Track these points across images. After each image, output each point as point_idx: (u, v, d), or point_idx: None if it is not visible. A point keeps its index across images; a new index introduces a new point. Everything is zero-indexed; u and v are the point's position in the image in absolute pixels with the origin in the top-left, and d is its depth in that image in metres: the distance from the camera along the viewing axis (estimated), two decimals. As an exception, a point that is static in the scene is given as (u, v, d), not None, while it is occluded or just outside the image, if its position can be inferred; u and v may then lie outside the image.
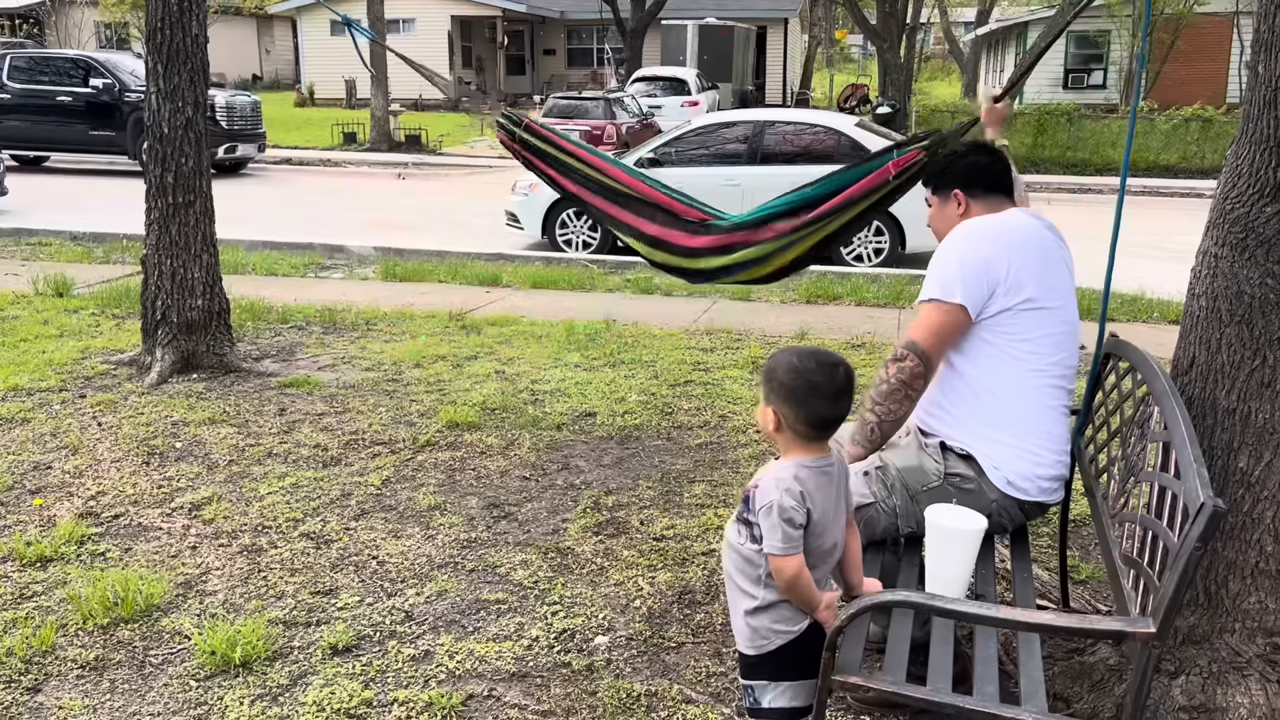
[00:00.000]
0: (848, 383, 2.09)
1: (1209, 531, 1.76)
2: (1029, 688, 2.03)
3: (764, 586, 2.11)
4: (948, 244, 2.75)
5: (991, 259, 2.62)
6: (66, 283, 7.62)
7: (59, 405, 5.08)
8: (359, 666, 2.91)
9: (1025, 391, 2.63)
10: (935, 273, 2.68)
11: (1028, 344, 2.62)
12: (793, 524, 2.02)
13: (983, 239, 2.69)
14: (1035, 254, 2.68)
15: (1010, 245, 2.66)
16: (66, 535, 3.64)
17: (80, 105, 16.05)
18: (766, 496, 2.05)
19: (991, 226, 2.73)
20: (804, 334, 6.79)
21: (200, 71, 5.48)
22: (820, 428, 2.09)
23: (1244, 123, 2.44)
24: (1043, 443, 2.64)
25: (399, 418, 4.99)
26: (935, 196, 2.93)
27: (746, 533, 2.10)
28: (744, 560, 2.12)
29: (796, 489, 2.04)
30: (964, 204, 2.86)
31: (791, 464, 2.09)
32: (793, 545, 2.03)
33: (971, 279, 2.61)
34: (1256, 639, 2.40)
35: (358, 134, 22.45)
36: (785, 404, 2.09)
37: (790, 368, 2.09)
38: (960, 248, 2.69)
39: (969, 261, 2.64)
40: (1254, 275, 2.36)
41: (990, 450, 2.63)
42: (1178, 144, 19.55)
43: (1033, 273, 2.63)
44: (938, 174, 2.95)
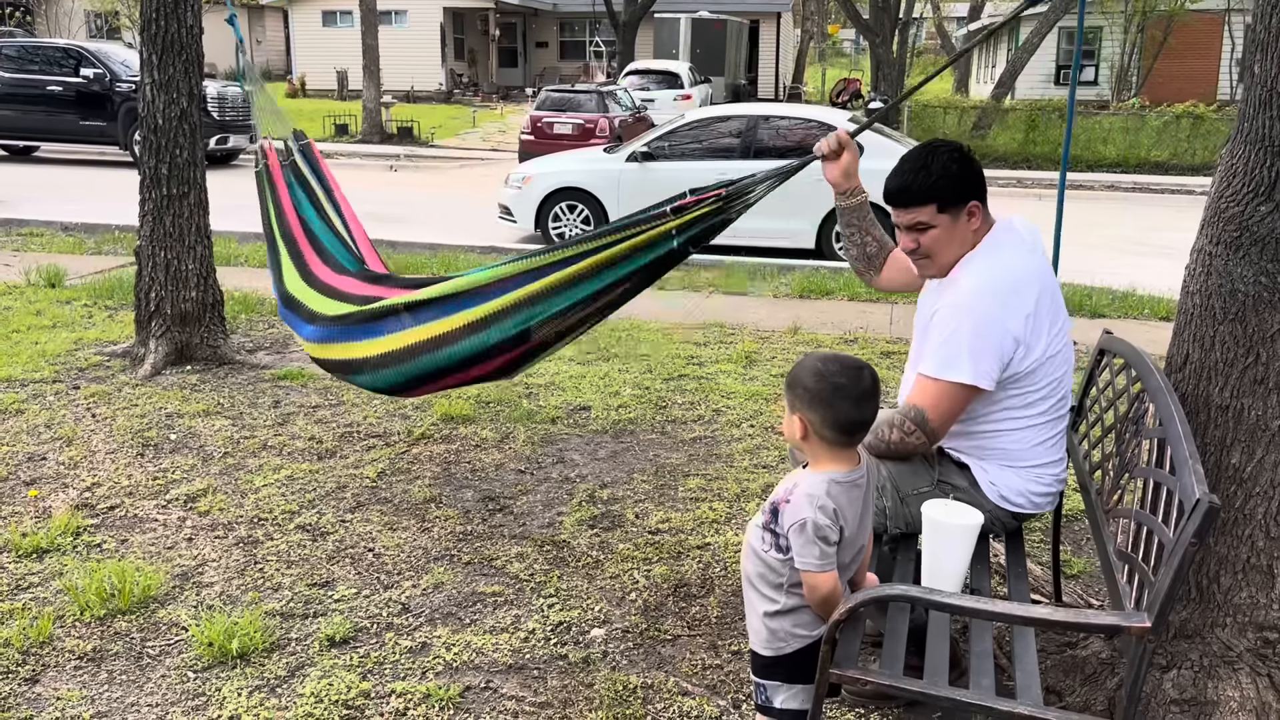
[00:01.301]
0: (873, 386, 2.05)
1: (1204, 527, 1.78)
2: (1024, 681, 2.05)
3: (786, 593, 2.10)
4: (955, 310, 2.48)
5: (1005, 331, 2.45)
6: (59, 274, 7.59)
7: (53, 396, 5.07)
8: (356, 658, 2.93)
9: (1029, 435, 2.60)
10: (946, 345, 2.46)
11: (1036, 394, 2.55)
12: (827, 541, 2.00)
13: (994, 305, 2.46)
14: (1045, 304, 2.51)
15: (1022, 307, 2.47)
16: (62, 526, 3.64)
17: (70, 95, 15.96)
18: (799, 514, 2.01)
19: (998, 285, 2.48)
20: (797, 328, 6.81)
21: (195, 63, 5.46)
22: (847, 432, 2.05)
23: (1239, 121, 2.46)
24: (1042, 469, 2.64)
25: (393, 410, 4.99)
26: (944, 215, 2.52)
27: (772, 541, 2.08)
28: (767, 567, 2.11)
29: (830, 506, 2.01)
30: (980, 217, 2.56)
31: (823, 479, 2.05)
32: (828, 562, 2.01)
33: (986, 358, 2.45)
34: (1247, 633, 2.43)
35: (349, 125, 22.39)
36: (811, 409, 2.04)
37: (815, 372, 2.05)
38: (971, 321, 2.45)
39: (982, 337, 2.45)
40: (1248, 273, 2.39)
41: (987, 467, 2.64)
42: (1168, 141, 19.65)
43: (1043, 327, 2.50)
44: (945, 189, 2.51)
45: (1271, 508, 2.37)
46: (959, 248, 2.58)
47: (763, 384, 5.53)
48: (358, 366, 3.62)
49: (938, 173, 2.51)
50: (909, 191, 2.54)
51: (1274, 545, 2.38)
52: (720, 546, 3.66)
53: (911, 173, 2.54)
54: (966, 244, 2.58)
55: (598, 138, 15.99)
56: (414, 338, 3.42)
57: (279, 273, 4.31)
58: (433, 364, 3.42)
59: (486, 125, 25.68)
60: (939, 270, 2.63)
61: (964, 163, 2.54)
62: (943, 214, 2.53)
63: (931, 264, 2.62)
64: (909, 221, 2.57)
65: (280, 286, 4.24)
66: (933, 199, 2.52)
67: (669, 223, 3.09)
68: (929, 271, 2.66)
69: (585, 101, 17.11)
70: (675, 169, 10.00)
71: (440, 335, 3.37)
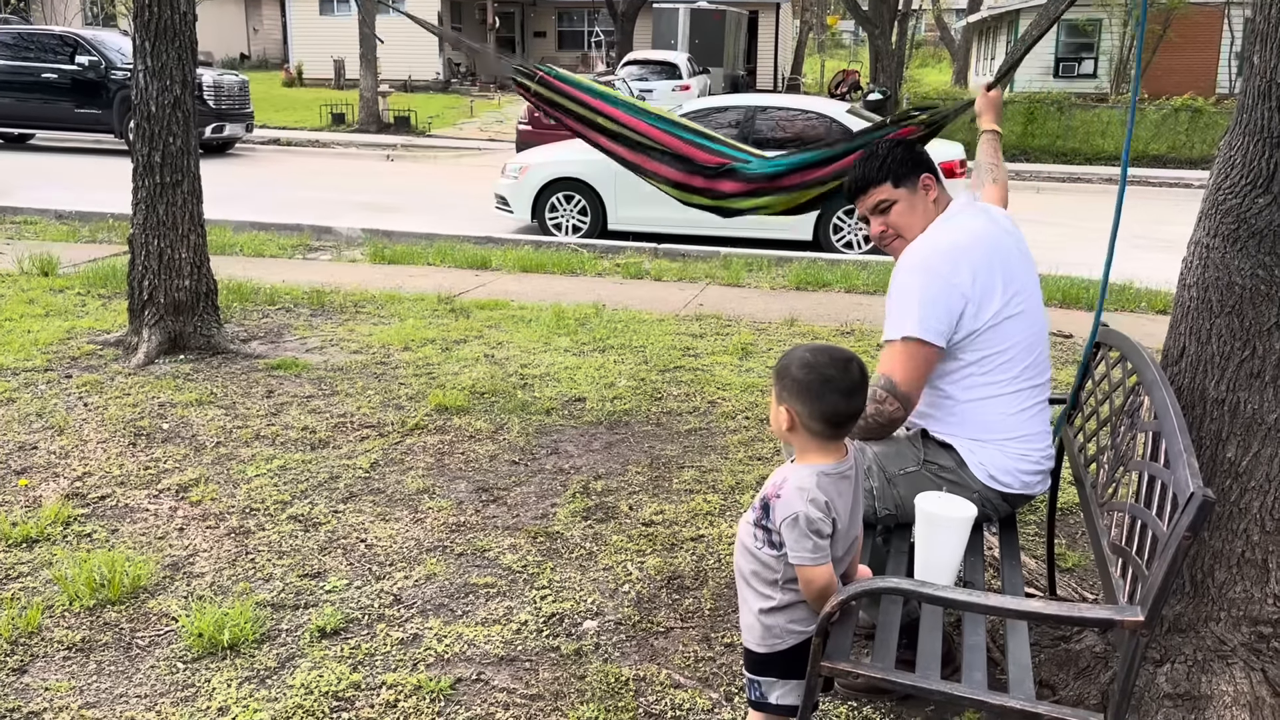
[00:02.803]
0: (862, 378, 2.04)
1: (1198, 521, 1.76)
2: (1017, 674, 2.04)
3: (782, 589, 2.08)
4: (906, 273, 2.59)
5: (952, 287, 2.51)
6: (52, 262, 7.56)
7: (44, 385, 5.04)
8: (347, 649, 2.91)
9: (1004, 403, 2.60)
10: (898, 307, 2.55)
11: (1001, 356, 2.57)
12: (820, 535, 1.99)
13: (941, 263, 2.55)
14: (997, 265, 2.57)
15: (971, 265, 2.54)
16: (52, 516, 3.62)
17: (66, 83, 15.89)
18: (790, 508, 1.99)
19: (945, 246, 2.59)
20: (793, 320, 6.79)
21: (188, 49, 5.42)
22: (835, 424, 2.03)
23: (1237, 113, 2.44)
24: (1025, 444, 2.63)
25: (387, 401, 4.97)
26: (901, 190, 2.69)
27: (764, 538, 2.06)
28: (761, 564, 2.09)
29: (821, 499, 1.99)
30: (935, 188, 2.72)
31: (812, 472, 2.03)
32: (822, 555, 2.00)
33: (935, 314, 2.50)
34: (1241, 628, 2.42)
35: (346, 115, 22.33)
36: (798, 400, 2.03)
37: (803, 363, 2.03)
38: (919, 280, 2.55)
39: (930, 292, 2.52)
40: (1245, 266, 2.37)
41: (972, 447, 2.63)
42: (1167, 134, 19.63)
43: (995, 286, 2.54)
44: (896, 166, 2.69)
45: (1267, 502, 2.36)
46: (924, 221, 2.70)
47: (759, 375, 5.51)
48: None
49: (885, 154, 2.73)
50: (865, 177, 2.74)
51: (1269, 540, 2.37)
52: (714, 538, 3.64)
53: (863, 163, 2.76)
54: (931, 217, 2.72)
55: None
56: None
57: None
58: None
59: (484, 115, 25.61)
60: None
61: (909, 146, 2.78)
62: (899, 188, 2.70)
63: (904, 243, 2.72)
64: (871, 204, 2.74)
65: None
66: (886, 176, 2.70)
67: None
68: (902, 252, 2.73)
69: (583, 92, 17.03)
70: (672, 160, 9.95)
71: None
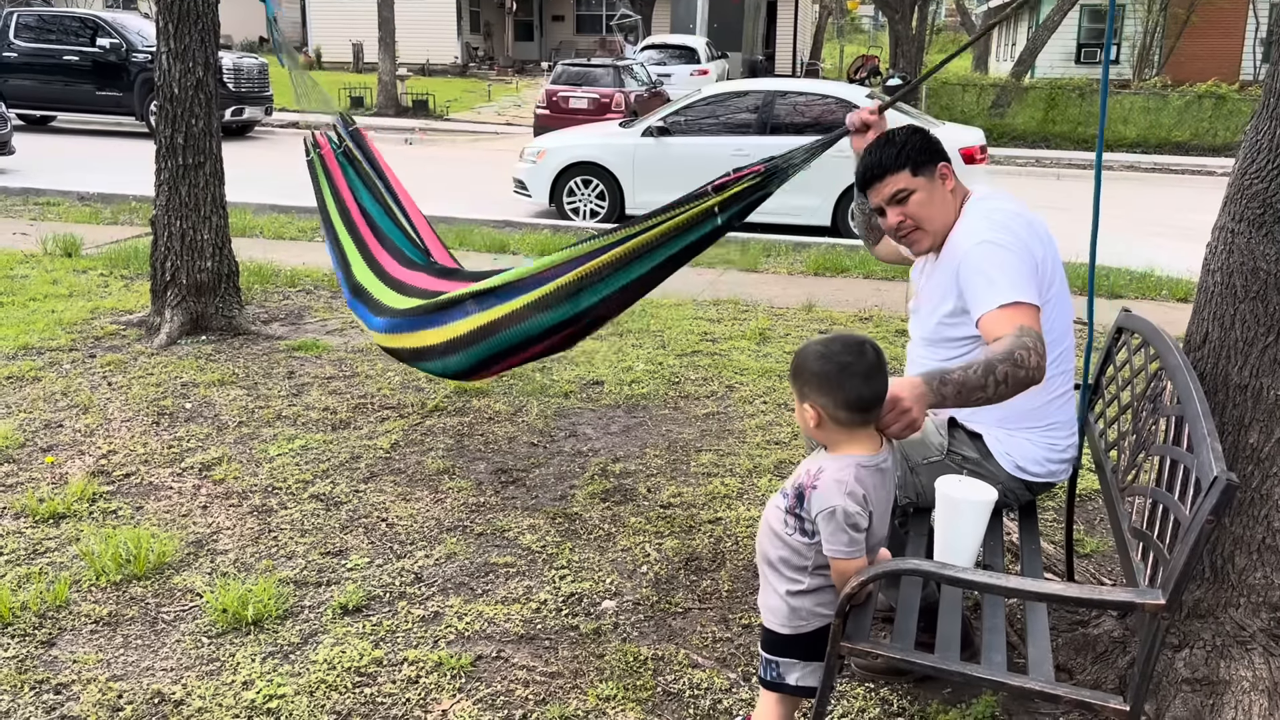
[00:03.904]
0: (879, 359, 2.01)
1: (1221, 505, 1.76)
2: (1036, 656, 2.04)
3: (811, 575, 2.08)
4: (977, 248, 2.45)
5: (1028, 251, 2.45)
6: (75, 243, 7.62)
7: (69, 365, 5.10)
8: (369, 626, 2.94)
9: (1036, 391, 2.57)
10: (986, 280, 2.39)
11: (1048, 338, 2.49)
12: (857, 529, 1.98)
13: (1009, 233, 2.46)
14: (1045, 243, 2.55)
15: (1032, 235, 2.50)
16: (78, 493, 3.67)
17: (87, 65, 15.97)
18: (828, 501, 1.98)
19: (1005, 217, 2.51)
20: (811, 305, 6.79)
21: (211, 32, 5.45)
22: (860, 410, 2.00)
23: (1265, 97, 2.43)
24: (1054, 432, 2.62)
25: (407, 382, 5.00)
26: (920, 178, 2.55)
27: (796, 525, 2.06)
28: (791, 551, 2.09)
29: (860, 492, 1.98)
30: (952, 178, 2.61)
31: (850, 463, 2.01)
32: (857, 549, 2.00)
33: (1025, 278, 2.39)
34: (1261, 613, 2.42)
35: (365, 98, 22.36)
36: (820, 393, 2.01)
37: (818, 355, 2.02)
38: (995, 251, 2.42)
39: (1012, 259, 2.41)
40: (1270, 252, 2.36)
41: (1002, 436, 2.61)
42: (1190, 121, 19.45)
43: (1048, 261, 2.52)
44: (914, 153, 2.56)
45: (1289, 488, 2.36)
46: (945, 211, 2.58)
47: (776, 361, 5.51)
48: (426, 353, 3.82)
49: (901, 142, 2.57)
50: (880, 164, 2.58)
51: (1290, 526, 2.37)
52: (732, 521, 3.66)
53: (878, 150, 2.60)
54: (950, 208, 2.58)
55: (613, 112, 15.91)
56: (478, 322, 3.61)
57: (345, 263, 4.41)
58: (496, 346, 3.61)
59: (502, 99, 25.58)
60: (934, 240, 2.59)
61: (923, 133, 2.62)
62: (918, 176, 2.56)
63: (925, 234, 2.59)
64: (889, 194, 2.58)
65: (348, 277, 4.36)
66: (904, 164, 2.55)
67: (710, 200, 3.20)
68: (924, 245, 2.62)
69: (601, 75, 17.02)
70: (691, 144, 9.95)
71: (502, 318, 3.56)
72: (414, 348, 3.85)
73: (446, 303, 3.74)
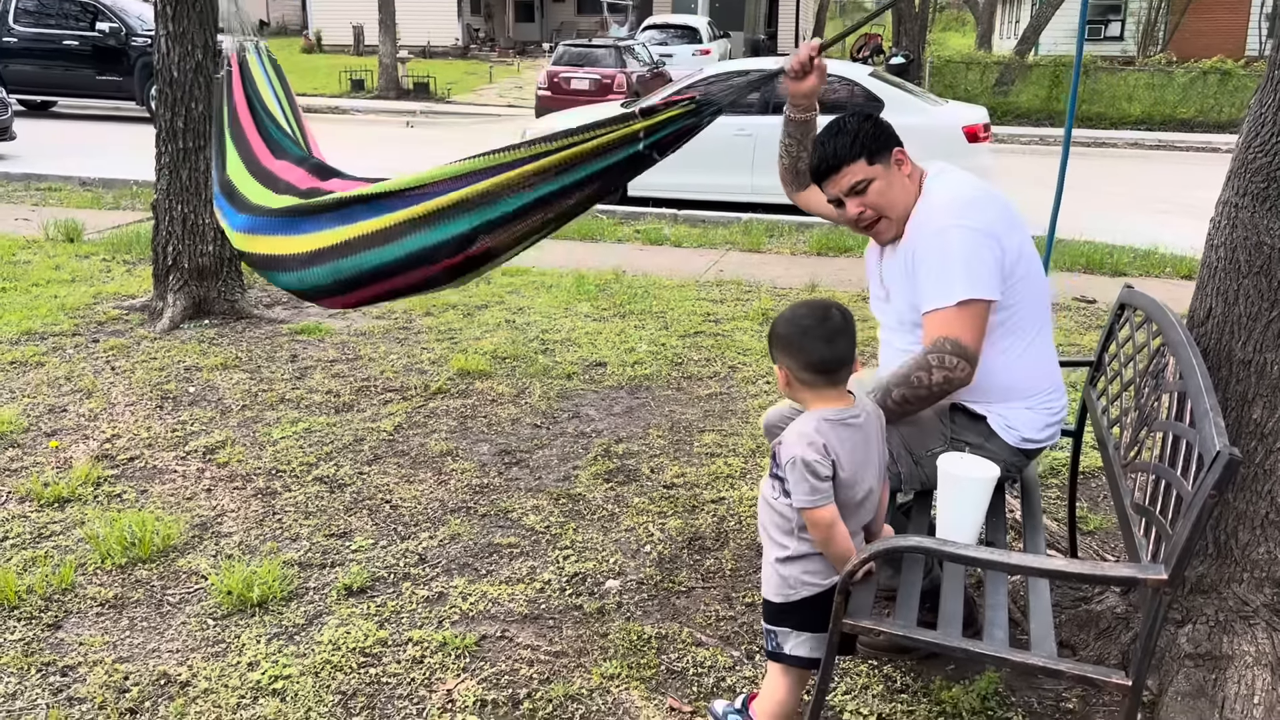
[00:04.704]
0: (844, 323, 2.07)
1: (1224, 479, 1.76)
2: (1039, 632, 2.05)
3: (797, 539, 2.13)
4: (936, 237, 2.46)
5: (988, 236, 2.42)
6: (77, 228, 7.61)
7: (72, 349, 5.10)
8: (373, 607, 2.95)
9: (1027, 360, 2.58)
10: (939, 272, 2.42)
11: (1020, 313, 2.54)
12: (817, 476, 2.02)
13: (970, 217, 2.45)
14: (1008, 215, 2.52)
15: (995, 213, 2.47)
16: (83, 477, 3.68)
17: (87, 49, 15.91)
18: (790, 451, 2.05)
19: (965, 200, 2.49)
20: (814, 286, 6.77)
21: (209, 14, 5.42)
22: (821, 371, 2.08)
23: (1269, 69, 2.41)
24: (1049, 398, 2.63)
25: (410, 365, 5.00)
26: (876, 166, 2.52)
27: (779, 488, 2.11)
28: (777, 514, 2.14)
29: (819, 441, 2.04)
30: (907, 162, 2.58)
31: (814, 417, 2.09)
32: (821, 496, 2.03)
33: (982, 269, 2.40)
34: (1264, 588, 2.42)
35: (366, 81, 22.27)
36: (785, 354, 2.11)
37: (785, 319, 2.13)
38: (954, 238, 2.43)
39: (969, 248, 2.41)
40: (1275, 226, 2.34)
41: (1004, 411, 2.61)
42: (1195, 97, 19.31)
43: (1014, 234, 2.49)
44: (868, 141, 2.53)
45: (1292, 463, 2.35)
46: (905, 196, 2.55)
47: (779, 340, 5.50)
48: (285, 263, 3.28)
49: (854, 130, 2.53)
50: (835, 155, 2.54)
51: (1294, 501, 2.36)
52: (735, 501, 3.66)
53: (830, 140, 2.56)
54: (910, 192, 2.55)
55: (615, 93, 15.84)
56: (349, 234, 3.10)
57: (221, 160, 3.91)
58: (366, 264, 3.09)
59: (503, 81, 25.48)
60: (897, 228, 2.56)
61: (874, 119, 2.57)
62: (874, 164, 2.52)
63: (889, 223, 2.57)
64: (846, 185, 2.55)
65: (220, 174, 3.86)
66: (860, 153, 2.52)
67: (636, 124, 2.88)
68: (888, 234, 2.59)
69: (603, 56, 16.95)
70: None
71: (377, 232, 3.05)
72: (271, 254, 3.34)
73: (319, 206, 3.24)
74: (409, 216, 3.02)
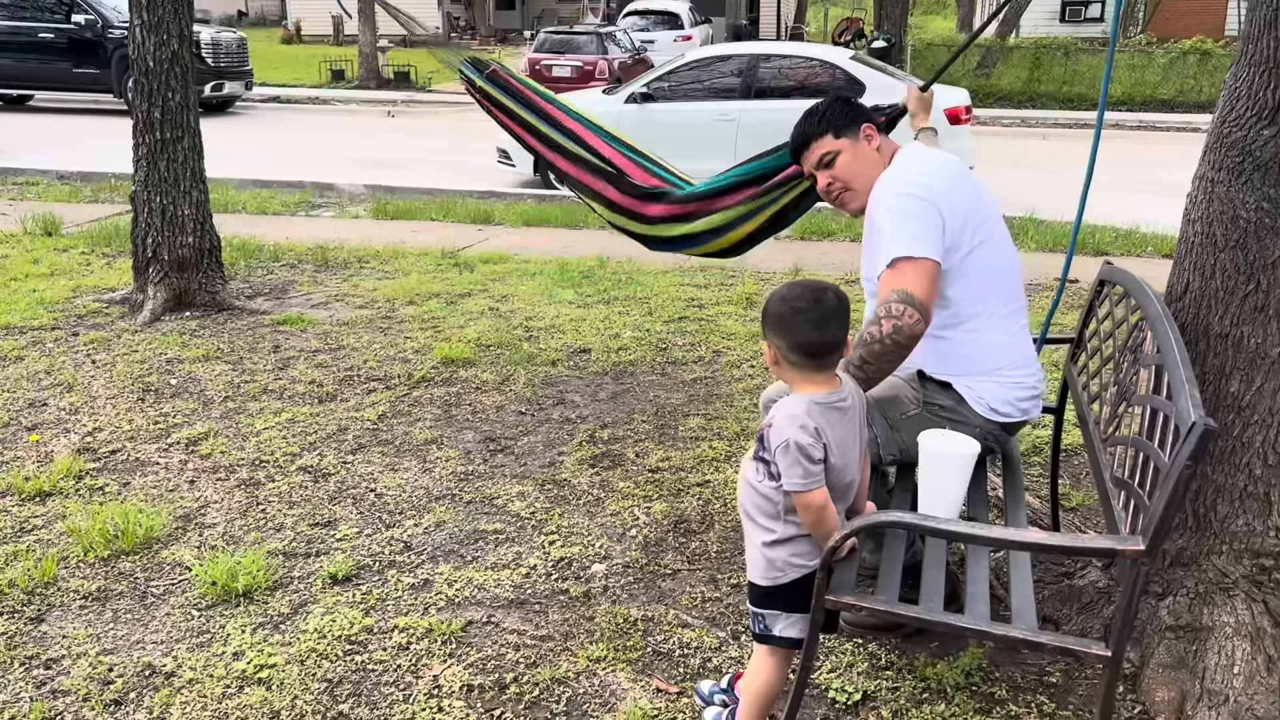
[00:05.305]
0: (839, 307, 2.06)
1: (1200, 450, 1.77)
2: (1019, 605, 2.06)
3: (783, 521, 2.11)
4: (881, 206, 2.56)
5: (929, 204, 2.50)
6: (55, 221, 7.55)
7: (52, 343, 5.07)
8: (359, 595, 2.95)
9: (992, 335, 2.61)
10: (887, 237, 2.49)
11: (981, 288, 2.58)
12: (810, 459, 2.02)
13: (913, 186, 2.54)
14: (962, 188, 2.58)
15: (941, 184, 2.54)
16: (64, 470, 3.66)
17: (63, 42, 15.75)
18: (782, 435, 2.03)
19: (912, 172, 2.59)
20: (798, 270, 6.78)
21: (185, 3, 5.38)
22: (811, 354, 2.06)
23: (1243, 44, 2.41)
24: (1017, 371, 2.64)
25: (394, 354, 4.99)
26: (843, 140, 2.69)
27: (764, 470, 2.10)
28: (762, 497, 2.12)
29: (811, 424, 2.03)
30: (877, 137, 2.72)
31: (803, 400, 2.07)
32: (814, 480, 2.03)
33: (924, 231, 2.46)
34: (1243, 560, 2.44)
35: (346, 71, 22.12)
36: (775, 334, 2.09)
37: (778, 298, 2.10)
38: (896, 205, 2.52)
39: (911, 212, 2.49)
40: (1250, 199, 2.36)
41: (970, 383, 2.63)
42: (1175, 77, 19.37)
43: (964, 207, 2.54)
44: (835, 118, 2.70)
45: (1269, 435, 2.37)
46: (871, 169, 2.67)
47: (763, 324, 5.50)
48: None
49: (823, 109, 2.73)
50: (804, 134, 2.75)
51: (1271, 473, 2.38)
52: (720, 483, 3.67)
53: (802, 123, 2.76)
54: (877, 165, 2.68)
55: (597, 80, 15.79)
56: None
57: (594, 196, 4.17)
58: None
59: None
60: (864, 200, 2.68)
61: (845, 99, 2.77)
62: (841, 139, 2.70)
63: (854, 194, 2.71)
64: (815, 159, 2.74)
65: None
66: (826, 129, 2.70)
67: None
68: (855, 205, 2.73)
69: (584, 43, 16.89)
70: (675, 110, 9.88)
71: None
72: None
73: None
74: None
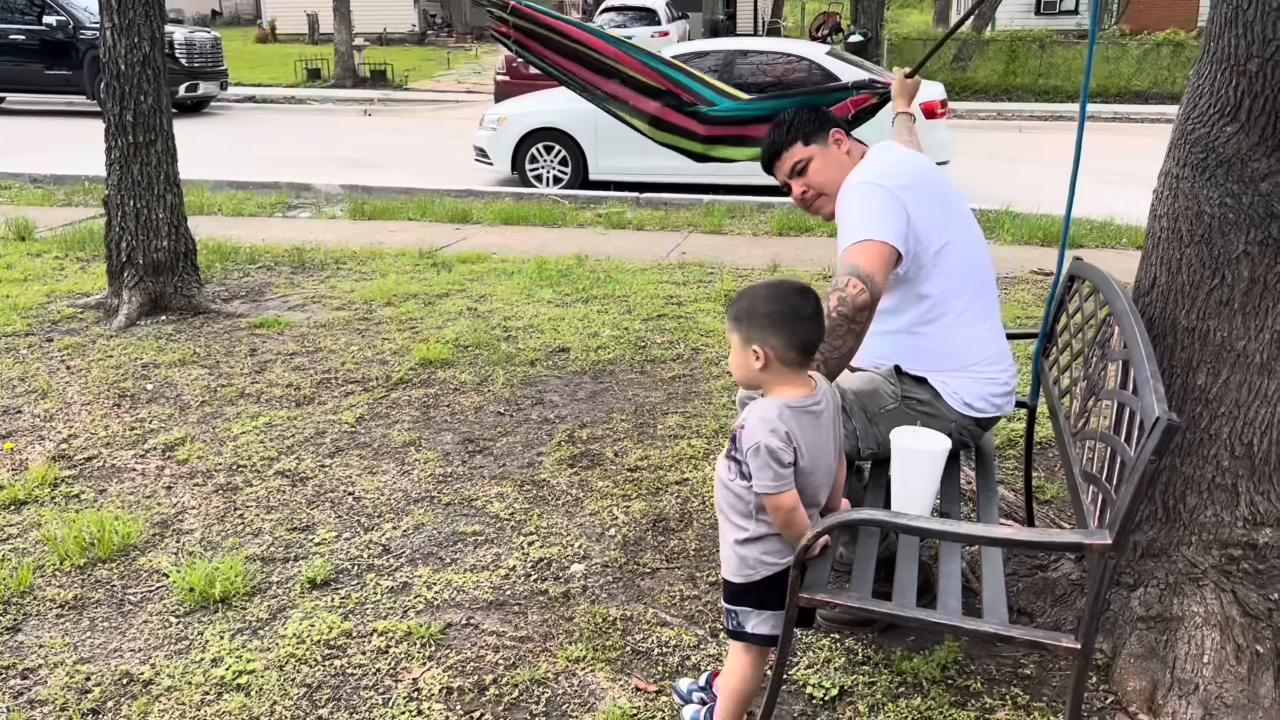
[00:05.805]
0: (820, 304, 2.12)
1: (1163, 445, 1.80)
2: (991, 599, 2.08)
3: (755, 520, 2.13)
4: (845, 199, 2.61)
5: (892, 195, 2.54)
6: (28, 226, 7.49)
7: (26, 349, 5.03)
8: (338, 599, 2.95)
9: (964, 331, 2.64)
10: (847, 226, 2.54)
11: (952, 285, 2.61)
12: (780, 463, 2.03)
13: (877, 179, 2.59)
14: (928, 185, 2.62)
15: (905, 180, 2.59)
16: (39, 478, 3.64)
17: (35, 44, 15.59)
18: (753, 437, 2.05)
19: (878, 169, 2.64)
20: (776, 266, 6.80)
21: (156, 5, 5.34)
22: (806, 352, 2.10)
23: (1206, 41, 2.44)
24: (991, 367, 2.68)
25: (371, 356, 4.98)
26: (813, 146, 2.74)
27: (736, 469, 2.11)
28: (734, 495, 2.14)
29: (782, 429, 2.04)
30: (846, 141, 2.78)
31: (777, 404, 2.08)
32: (783, 482, 2.04)
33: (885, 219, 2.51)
34: (1212, 550, 2.47)
35: (322, 70, 22.00)
36: (773, 334, 2.06)
37: (769, 297, 2.09)
38: (859, 194, 2.58)
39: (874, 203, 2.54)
40: (1214, 195, 2.39)
41: (944, 379, 2.66)
42: (1149, 69, 19.53)
43: (929, 204, 2.59)
44: (803, 125, 2.76)
45: (1237, 427, 2.40)
46: (842, 173, 2.70)
47: (741, 321, 5.52)
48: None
49: (790, 118, 2.79)
50: (775, 144, 2.79)
51: (1239, 464, 2.42)
52: (698, 481, 3.68)
53: (771, 133, 2.81)
54: (848, 167, 2.71)
55: (574, 77, 15.72)
56: None
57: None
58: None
59: (461, 67, 25.27)
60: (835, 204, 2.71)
61: (813, 107, 2.84)
62: (811, 145, 2.75)
63: (827, 199, 2.74)
64: (787, 168, 2.78)
65: None
66: (795, 137, 2.75)
67: None
68: (829, 208, 2.76)
69: (561, 40, 16.81)
70: (652, 107, 9.87)
71: None
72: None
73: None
74: None
